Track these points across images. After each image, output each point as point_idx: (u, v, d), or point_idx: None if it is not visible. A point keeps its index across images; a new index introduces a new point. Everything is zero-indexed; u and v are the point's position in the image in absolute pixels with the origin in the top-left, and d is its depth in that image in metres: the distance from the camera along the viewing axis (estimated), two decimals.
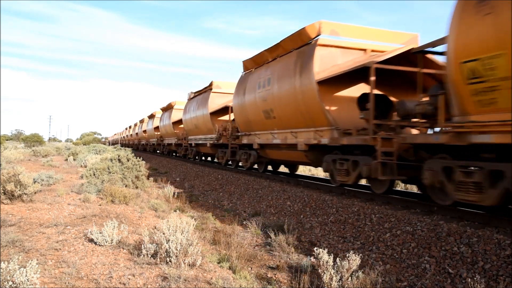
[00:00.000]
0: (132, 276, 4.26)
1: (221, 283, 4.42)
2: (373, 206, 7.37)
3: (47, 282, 3.90)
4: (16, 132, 76.09)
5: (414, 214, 6.56)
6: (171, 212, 8.48)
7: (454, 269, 4.84)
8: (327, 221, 7.64)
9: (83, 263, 4.55)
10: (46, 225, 6.08)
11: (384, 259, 5.66)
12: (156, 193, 11.04)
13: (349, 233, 6.88)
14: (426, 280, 4.87)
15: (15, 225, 5.98)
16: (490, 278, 4.46)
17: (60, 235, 5.58)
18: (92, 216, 6.85)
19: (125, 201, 8.37)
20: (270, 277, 5.27)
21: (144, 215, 7.80)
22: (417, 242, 5.65)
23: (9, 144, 36.09)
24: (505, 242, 4.81)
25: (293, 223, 8.02)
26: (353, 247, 6.32)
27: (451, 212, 6.37)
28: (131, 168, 11.05)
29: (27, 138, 42.08)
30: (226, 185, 13.64)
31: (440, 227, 5.69)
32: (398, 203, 7.46)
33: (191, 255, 4.83)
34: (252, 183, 12.37)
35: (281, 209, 9.33)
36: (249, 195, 11.37)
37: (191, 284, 4.26)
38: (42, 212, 7.01)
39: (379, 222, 6.65)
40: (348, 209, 7.64)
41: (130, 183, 10.69)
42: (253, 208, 10.20)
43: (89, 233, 5.46)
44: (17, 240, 5.08)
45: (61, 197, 8.52)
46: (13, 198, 7.56)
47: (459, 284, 4.60)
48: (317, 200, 8.74)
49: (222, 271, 5.02)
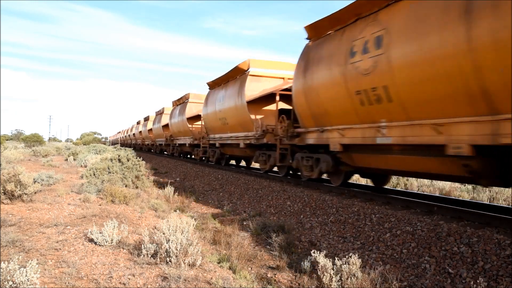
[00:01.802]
0: (132, 276, 4.27)
1: (221, 283, 4.42)
2: (373, 206, 7.37)
3: (47, 282, 3.90)
4: (16, 132, 76.13)
5: (414, 214, 6.57)
6: (171, 212, 8.49)
7: (454, 269, 4.84)
8: (327, 221, 7.64)
9: (83, 263, 4.55)
10: (46, 225, 6.09)
11: (384, 259, 5.66)
12: (156, 193, 11.04)
13: (349, 233, 6.88)
14: (426, 280, 4.87)
15: (15, 225, 5.98)
16: (490, 278, 4.46)
17: (60, 235, 5.58)
18: (92, 216, 6.85)
19: (125, 201, 8.38)
20: (270, 277, 5.27)
21: (144, 215, 7.80)
22: (417, 242, 5.65)
23: (9, 144, 36.10)
24: (505, 242, 4.81)
25: (293, 223, 8.02)
26: (353, 247, 6.32)
27: (451, 212, 6.39)
28: (131, 168, 11.06)
29: (27, 138, 42.08)
30: (226, 185, 13.64)
31: (440, 227, 5.69)
32: (398, 203, 7.47)
33: (191, 255, 4.83)
34: (252, 183, 12.37)
35: (281, 209, 9.33)
36: (249, 195, 11.37)
37: (191, 284, 4.26)
38: (42, 212, 7.01)
39: (379, 222, 6.66)
40: (348, 209, 7.64)
41: (130, 183, 10.69)
42: (253, 208, 10.20)
43: (89, 233, 5.46)
44: (17, 240, 5.08)
45: (61, 197, 8.52)
46: (13, 198, 7.56)
47: (459, 284, 4.60)
48: (317, 200, 8.74)
49: (222, 271, 5.02)
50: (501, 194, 10.87)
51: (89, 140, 53.52)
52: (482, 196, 10.83)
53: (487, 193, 11.00)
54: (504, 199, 10.52)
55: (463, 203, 7.73)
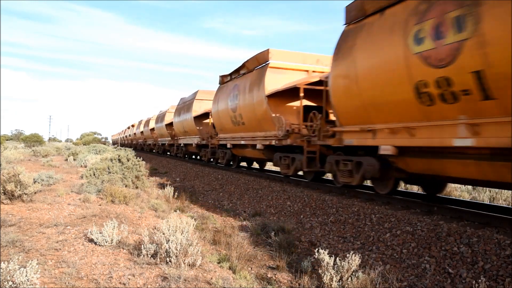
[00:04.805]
0: (132, 276, 4.26)
1: (221, 283, 4.42)
2: (373, 206, 7.37)
3: (47, 282, 3.90)
4: (16, 132, 76.03)
5: (414, 214, 6.56)
6: (171, 212, 8.48)
7: (454, 269, 4.84)
8: (327, 221, 7.64)
9: (83, 263, 4.55)
10: (46, 225, 6.08)
11: (384, 259, 5.66)
12: (156, 193, 11.04)
13: (349, 233, 6.88)
14: (426, 280, 4.87)
15: (15, 225, 5.98)
16: (490, 278, 4.46)
17: (60, 235, 5.58)
18: (92, 216, 6.85)
19: (125, 201, 8.37)
20: (270, 277, 5.27)
21: (144, 215, 7.80)
22: (417, 242, 5.65)
23: (9, 144, 36.08)
24: (505, 242, 4.81)
25: (293, 223, 8.02)
26: (353, 247, 6.32)
27: (451, 212, 6.39)
28: (131, 168, 11.06)
29: (27, 138, 42.02)
30: (226, 185, 13.64)
31: (440, 227, 5.69)
32: (398, 203, 7.47)
33: (191, 255, 4.83)
34: (252, 183, 12.37)
35: (281, 209, 9.33)
36: (249, 195, 11.37)
37: (191, 284, 4.26)
38: (42, 212, 7.01)
39: (379, 222, 6.66)
40: (348, 209, 7.64)
41: (130, 183, 10.69)
42: (253, 208, 10.20)
43: (89, 233, 5.46)
44: (17, 240, 5.08)
45: (61, 197, 8.51)
46: (13, 198, 7.56)
47: (459, 284, 4.60)
48: (317, 200, 8.74)
49: (222, 271, 5.02)
50: (501, 194, 10.87)
51: (89, 140, 53.47)
52: (483, 196, 10.83)
53: (487, 193, 11.00)
54: (504, 199, 10.52)
55: (463, 203, 7.73)
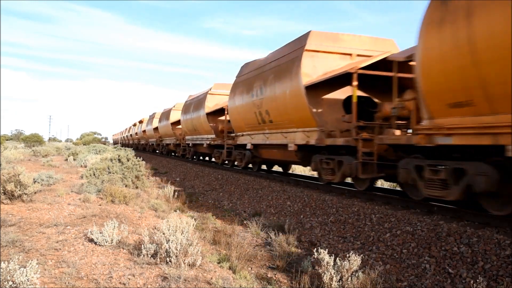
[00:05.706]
0: (132, 276, 4.26)
1: (221, 283, 4.42)
2: (373, 206, 7.37)
3: (47, 282, 3.90)
4: (16, 132, 75.98)
5: (414, 214, 6.56)
6: (171, 212, 8.48)
7: (454, 269, 4.84)
8: (327, 221, 7.64)
9: (83, 263, 4.55)
10: (46, 225, 6.08)
11: (384, 259, 5.66)
12: (156, 193, 11.03)
13: (349, 233, 6.88)
14: (426, 280, 4.87)
15: (15, 225, 5.98)
16: (490, 278, 4.45)
17: (60, 235, 5.58)
18: (92, 216, 6.85)
19: (125, 201, 8.37)
20: (270, 277, 5.27)
21: (144, 215, 7.80)
22: (417, 242, 5.65)
23: (9, 144, 36.07)
24: (505, 242, 4.81)
25: (293, 223, 8.02)
26: (353, 247, 6.32)
27: (451, 212, 6.39)
28: (131, 168, 11.06)
29: (27, 138, 42.00)
30: (226, 185, 13.64)
31: (440, 227, 5.69)
32: (398, 203, 7.46)
33: (191, 255, 4.83)
34: (252, 183, 12.37)
35: (281, 209, 9.33)
36: (249, 195, 11.37)
37: (191, 284, 4.26)
38: (42, 212, 7.01)
39: (379, 222, 6.66)
40: (348, 209, 7.64)
41: (130, 183, 10.69)
42: (253, 208, 10.20)
43: (89, 233, 5.46)
44: (17, 240, 5.08)
45: (61, 197, 8.51)
46: (13, 198, 7.56)
47: (459, 284, 4.60)
48: (317, 200, 8.74)
49: (222, 271, 5.02)
50: None
51: (89, 140, 53.46)
52: None
53: None
54: None
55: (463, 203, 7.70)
